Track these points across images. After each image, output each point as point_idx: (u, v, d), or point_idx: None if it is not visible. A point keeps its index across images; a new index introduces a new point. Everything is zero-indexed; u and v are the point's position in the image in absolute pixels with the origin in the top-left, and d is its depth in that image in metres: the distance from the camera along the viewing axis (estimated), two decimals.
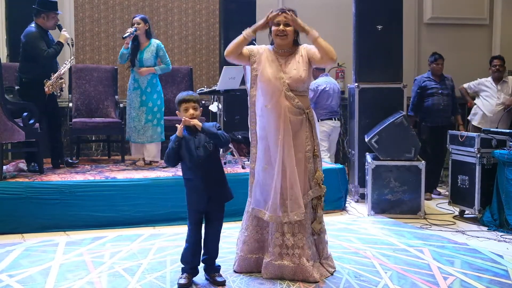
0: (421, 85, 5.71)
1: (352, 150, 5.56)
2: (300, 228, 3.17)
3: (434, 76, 5.73)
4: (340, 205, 5.08)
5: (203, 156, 3.01)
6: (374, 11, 5.36)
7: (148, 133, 5.11)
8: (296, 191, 3.13)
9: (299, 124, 3.18)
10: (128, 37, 5.00)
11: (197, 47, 6.85)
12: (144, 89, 5.11)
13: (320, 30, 3.20)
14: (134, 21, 5.09)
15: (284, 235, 3.16)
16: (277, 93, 3.15)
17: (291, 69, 3.18)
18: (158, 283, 3.11)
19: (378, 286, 3.09)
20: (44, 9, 4.77)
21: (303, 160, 3.19)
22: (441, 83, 5.70)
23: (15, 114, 4.55)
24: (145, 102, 5.09)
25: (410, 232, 4.29)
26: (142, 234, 4.17)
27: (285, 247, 3.16)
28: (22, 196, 4.21)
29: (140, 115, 5.09)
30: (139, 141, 5.14)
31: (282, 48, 3.23)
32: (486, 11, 7.64)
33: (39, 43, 4.70)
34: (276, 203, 3.14)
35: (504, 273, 3.32)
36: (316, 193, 3.22)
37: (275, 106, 3.14)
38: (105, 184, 4.42)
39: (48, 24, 4.83)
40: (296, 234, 3.16)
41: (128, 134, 5.20)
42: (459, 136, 4.77)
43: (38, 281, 3.14)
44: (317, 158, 3.24)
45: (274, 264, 3.16)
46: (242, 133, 5.78)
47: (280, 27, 3.17)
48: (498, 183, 4.42)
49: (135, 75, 5.12)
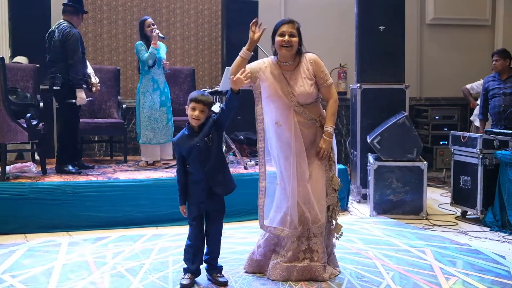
0: (485, 86, 5.43)
1: (354, 150, 5.56)
2: (316, 233, 3.16)
3: (500, 75, 5.33)
4: (342, 205, 5.04)
5: (204, 151, 3.00)
6: (376, 11, 5.35)
7: (169, 132, 5.22)
8: (312, 201, 3.12)
9: (313, 135, 3.17)
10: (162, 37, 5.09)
11: (199, 47, 6.87)
12: (162, 89, 5.18)
13: (323, 30, 3.22)
14: (149, 22, 5.11)
15: (299, 239, 3.16)
16: (286, 109, 3.12)
17: (298, 85, 3.13)
18: (160, 283, 3.11)
19: (380, 286, 3.09)
20: (82, 8, 4.82)
21: (321, 168, 3.18)
22: (506, 82, 5.27)
23: (19, 114, 4.57)
24: (164, 102, 5.17)
25: (412, 232, 4.29)
26: (145, 234, 4.18)
27: (300, 251, 3.16)
28: (25, 197, 4.22)
29: (162, 116, 5.14)
30: (162, 141, 5.19)
31: (286, 61, 3.15)
32: (488, 12, 7.65)
33: (78, 48, 4.68)
34: (294, 219, 3.12)
35: (507, 274, 3.32)
36: (332, 200, 3.22)
37: (285, 123, 3.12)
38: (107, 184, 4.43)
39: (79, 23, 4.89)
40: (311, 238, 3.16)
41: (147, 137, 5.13)
42: (461, 137, 4.77)
43: (41, 281, 3.15)
44: (333, 165, 3.23)
45: (282, 265, 3.14)
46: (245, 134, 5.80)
47: (286, 38, 3.09)
48: (500, 184, 4.42)
49: (154, 76, 5.12)
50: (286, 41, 3.09)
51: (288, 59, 3.15)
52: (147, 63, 5.06)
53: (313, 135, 3.18)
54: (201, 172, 3.02)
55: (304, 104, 3.14)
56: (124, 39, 6.56)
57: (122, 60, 6.57)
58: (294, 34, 3.11)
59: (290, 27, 3.12)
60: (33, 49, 5.65)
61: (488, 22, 7.68)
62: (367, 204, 5.11)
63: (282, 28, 3.12)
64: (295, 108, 3.12)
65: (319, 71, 3.16)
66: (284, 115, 3.13)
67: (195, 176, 3.05)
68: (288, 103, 3.12)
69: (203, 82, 6.79)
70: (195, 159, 3.03)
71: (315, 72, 3.15)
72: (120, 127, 5.60)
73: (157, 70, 5.13)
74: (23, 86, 5.31)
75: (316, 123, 3.18)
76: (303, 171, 3.12)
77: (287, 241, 3.18)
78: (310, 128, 3.16)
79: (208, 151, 3.01)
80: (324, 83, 3.17)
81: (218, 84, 5.22)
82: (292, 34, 3.10)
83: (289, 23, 3.13)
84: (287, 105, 3.12)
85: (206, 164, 3.01)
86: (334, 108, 3.17)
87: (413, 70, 7.25)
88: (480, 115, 5.55)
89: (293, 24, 3.14)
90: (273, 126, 3.16)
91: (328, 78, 3.19)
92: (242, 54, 3.14)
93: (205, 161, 3.01)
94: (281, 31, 3.11)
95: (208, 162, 3.01)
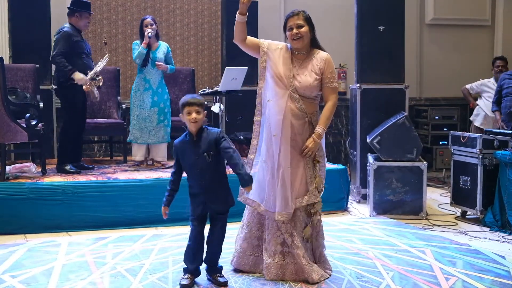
0: (501, 83, 5.44)
1: (354, 151, 5.56)
2: (297, 231, 3.17)
3: None
4: (342, 205, 5.09)
5: (201, 165, 2.99)
6: (376, 12, 5.35)
7: (160, 134, 5.15)
8: (286, 191, 3.11)
9: (301, 128, 3.17)
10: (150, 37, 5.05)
11: (199, 48, 6.87)
12: (155, 90, 5.13)
13: (323, 31, 3.23)
14: (147, 22, 5.11)
15: (283, 234, 3.17)
16: (282, 92, 3.14)
17: (302, 75, 3.16)
18: (160, 283, 3.12)
19: (380, 286, 3.10)
20: (78, 8, 4.81)
21: (302, 164, 3.18)
22: None
23: (18, 115, 4.57)
24: (157, 102, 5.12)
25: (412, 232, 4.29)
26: (145, 234, 4.18)
27: (286, 246, 3.17)
28: (24, 197, 4.22)
29: (152, 116, 5.10)
30: (150, 141, 5.15)
31: (299, 51, 3.21)
32: (488, 12, 7.65)
33: (62, 45, 4.68)
34: (270, 199, 3.15)
35: (506, 274, 3.32)
36: (312, 199, 3.18)
37: (277, 104, 3.13)
38: (107, 184, 4.44)
39: (81, 23, 4.85)
40: (294, 235, 3.16)
41: (134, 135, 5.13)
42: (461, 137, 4.78)
43: (41, 281, 3.16)
44: (318, 164, 3.22)
45: (276, 264, 3.16)
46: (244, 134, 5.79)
47: (294, 31, 3.15)
48: (500, 184, 4.42)
49: (146, 76, 5.12)
50: (294, 34, 3.15)
51: (301, 49, 3.20)
52: (136, 62, 5.12)
53: (301, 129, 3.16)
54: (197, 185, 3.02)
55: (302, 95, 3.16)
56: (123, 39, 6.56)
57: (122, 61, 6.58)
58: (302, 25, 3.16)
59: (296, 18, 3.17)
60: (33, 50, 5.64)
61: (488, 22, 7.68)
62: (367, 204, 5.12)
63: (289, 22, 3.19)
64: (291, 93, 3.14)
65: (328, 71, 3.18)
66: (278, 96, 3.14)
67: (192, 189, 3.06)
68: (286, 86, 3.14)
69: (203, 82, 6.80)
70: (191, 171, 3.03)
71: (324, 70, 3.18)
72: (120, 127, 5.60)
73: (150, 70, 5.12)
74: (23, 86, 5.32)
75: (306, 118, 3.17)
76: (286, 156, 3.12)
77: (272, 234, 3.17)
78: (300, 120, 3.16)
79: (206, 166, 3.00)
80: (328, 83, 3.18)
81: (218, 84, 5.21)
82: (299, 25, 3.15)
83: (295, 15, 3.19)
84: (285, 87, 3.14)
85: (203, 178, 3.00)
86: (331, 111, 3.19)
87: (412, 70, 7.25)
88: (494, 107, 5.55)
89: (299, 15, 3.18)
90: (268, 103, 3.17)
91: (334, 80, 3.21)
92: (237, 19, 3.18)
93: (202, 175, 3.00)
94: (289, 25, 3.19)
95: (205, 177, 3.00)
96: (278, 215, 3.12)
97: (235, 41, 3.24)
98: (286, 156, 3.12)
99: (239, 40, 3.21)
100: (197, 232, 3.09)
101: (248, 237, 3.29)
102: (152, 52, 5.12)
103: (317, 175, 3.21)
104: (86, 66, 4.81)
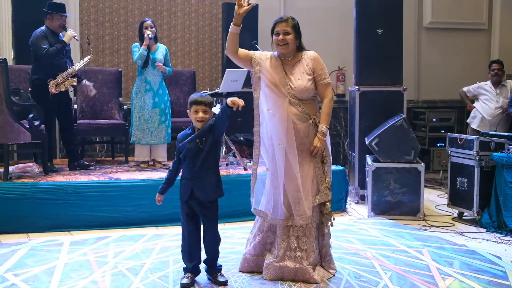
0: None
1: (352, 152, 5.60)
2: (305, 232, 3.19)
3: None
4: (340, 206, 5.12)
5: (193, 151, 3.03)
6: (375, 15, 5.39)
7: (162, 134, 5.21)
8: (300, 195, 3.14)
9: (306, 131, 3.19)
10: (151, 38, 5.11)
11: (200, 50, 6.91)
12: (156, 91, 5.18)
13: (322, 33, 3.26)
14: (147, 24, 5.16)
15: (289, 237, 3.20)
16: (281, 100, 3.16)
17: (296, 79, 3.18)
18: (161, 282, 3.15)
19: (378, 286, 3.13)
20: (49, 10, 4.91)
21: (312, 165, 3.21)
22: None
23: (21, 115, 4.61)
24: (158, 103, 5.17)
25: (409, 233, 4.33)
26: (145, 234, 4.21)
27: (288, 249, 3.20)
28: (27, 197, 4.26)
29: (154, 117, 5.15)
30: (152, 142, 5.20)
31: (286, 56, 3.23)
32: (485, 16, 7.69)
33: (40, 42, 4.80)
34: (278, 207, 3.18)
35: (502, 274, 3.36)
36: (324, 197, 3.22)
37: (278, 111, 3.15)
38: (109, 184, 4.47)
39: (53, 25, 4.93)
40: (300, 238, 3.19)
41: (137, 136, 5.18)
42: (458, 139, 4.82)
43: (43, 280, 3.19)
44: (326, 163, 3.26)
45: (275, 265, 3.19)
46: (244, 135, 5.84)
47: (280, 37, 3.17)
48: (497, 186, 4.46)
49: (147, 77, 5.16)
50: (280, 40, 3.17)
51: (287, 55, 3.23)
52: (136, 64, 5.17)
53: (306, 131, 3.20)
54: (187, 171, 3.06)
55: (300, 98, 3.19)
56: (125, 41, 6.61)
57: (124, 62, 6.62)
58: (288, 32, 3.17)
59: (284, 25, 3.18)
60: None
61: (485, 26, 7.72)
62: (365, 205, 5.15)
63: (277, 27, 3.20)
64: (291, 99, 3.17)
65: (318, 68, 3.21)
66: (277, 104, 3.16)
67: (183, 173, 3.10)
68: (284, 93, 3.16)
69: (204, 84, 6.84)
70: (185, 157, 3.07)
71: (314, 68, 3.21)
72: (121, 128, 5.64)
73: (151, 71, 5.17)
74: (26, 87, 5.35)
75: (310, 120, 3.20)
76: (291, 164, 3.14)
77: (278, 239, 3.21)
78: (305, 122, 3.19)
79: (197, 152, 3.03)
80: (321, 81, 3.21)
81: (219, 86, 5.26)
82: (286, 32, 3.17)
83: (283, 22, 3.19)
84: (283, 95, 3.16)
85: (193, 164, 3.04)
86: (329, 107, 3.22)
87: (410, 73, 7.29)
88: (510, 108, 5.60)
89: (287, 22, 3.19)
90: (267, 113, 3.20)
91: (326, 77, 3.24)
92: (231, 29, 3.21)
93: (193, 161, 3.04)
94: (276, 30, 3.20)
95: (196, 163, 3.03)
96: (300, 220, 3.14)
97: (227, 53, 3.25)
98: (294, 163, 3.15)
99: (231, 51, 3.22)
100: (189, 230, 3.10)
101: (257, 245, 3.30)
102: (151, 54, 5.17)
103: (326, 174, 3.25)
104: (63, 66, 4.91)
